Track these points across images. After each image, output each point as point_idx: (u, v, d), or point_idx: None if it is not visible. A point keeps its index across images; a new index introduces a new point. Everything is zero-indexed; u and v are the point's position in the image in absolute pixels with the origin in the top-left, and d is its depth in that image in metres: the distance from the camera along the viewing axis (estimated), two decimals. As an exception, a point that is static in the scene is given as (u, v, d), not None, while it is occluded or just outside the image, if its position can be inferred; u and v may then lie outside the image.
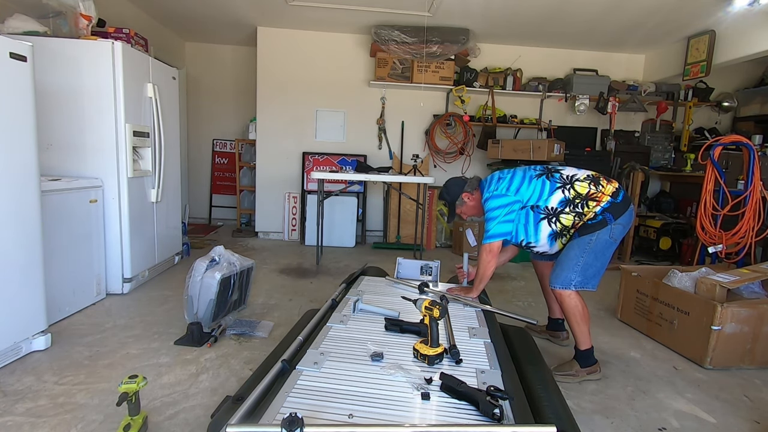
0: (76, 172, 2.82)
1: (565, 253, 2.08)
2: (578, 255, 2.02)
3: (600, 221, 2.01)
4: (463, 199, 2.27)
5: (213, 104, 5.83)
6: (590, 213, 2.03)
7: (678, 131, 5.28)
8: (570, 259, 2.04)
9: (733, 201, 2.98)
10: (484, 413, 1.15)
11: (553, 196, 2.06)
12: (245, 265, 2.60)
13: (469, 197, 2.26)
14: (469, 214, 2.33)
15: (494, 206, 2.10)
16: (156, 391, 1.84)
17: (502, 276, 3.98)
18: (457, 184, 2.30)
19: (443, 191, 2.36)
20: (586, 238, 2.02)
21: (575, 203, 2.04)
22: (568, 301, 2.05)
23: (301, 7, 4.20)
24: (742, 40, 3.87)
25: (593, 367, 2.10)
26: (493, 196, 2.10)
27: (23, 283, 2.11)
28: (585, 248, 2.02)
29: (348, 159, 5.12)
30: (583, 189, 2.04)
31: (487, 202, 2.12)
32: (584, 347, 2.09)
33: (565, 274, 2.04)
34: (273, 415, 1.12)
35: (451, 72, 4.81)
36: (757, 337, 2.28)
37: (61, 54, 2.74)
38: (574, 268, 2.02)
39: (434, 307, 1.49)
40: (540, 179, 2.10)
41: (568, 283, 2.03)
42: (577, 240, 2.04)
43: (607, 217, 2.00)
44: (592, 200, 2.03)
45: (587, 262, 2.02)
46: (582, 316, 2.06)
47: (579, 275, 2.02)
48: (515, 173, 2.17)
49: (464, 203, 2.28)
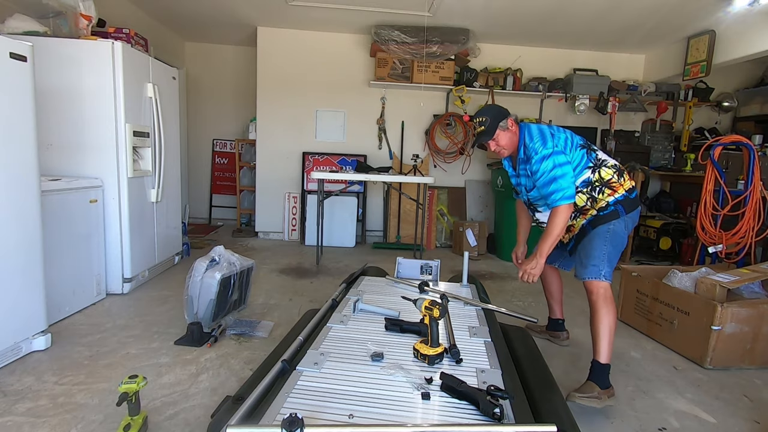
0: (76, 172, 2.81)
1: (586, 245, 2.01)
2: (601, 244, 1.96)
3: (612, 212, 1.97)
4: (508, 123, 2.04)
5: (213, 104, 5.83)
6: (602, 201, 1.98)
7: (678, 131, 5.28)
8: (594, 248, 1.97)
9: (733, 201, 2.98)
10: (485, 413, 1.15)
11: (582, 175, 1.99)
12: (245, 265, 2.60)
13: (513, 125, 2.05)
14: (503, 146, 2.06)
15: (559, 163, 1.91)
16: (156, 391, 1.84)
17: (502, 276, 3.98)
18: (500, 108, 2.09)
19: (482, 111, 2.07)
20: (604, 228, 1.97)
21: (594, 186, 1.99)
22: (605, 294, 1.92)
23: (301, 7, 4.19)
24: (742, 40, 3.87)
25: (611, 389, 1.86)
26: (555, 153, 1.92)
27: (23, 283, 2.11)
28: (605, 237, 1.97)
29: (348, 159, 5.12)
30: (607, 175, 1.99)
31: (549, 159, 1.91)
32: (605, 360, 1.87)
33: (593, 263, 1.95)
34: (273, 416, 1.12)
35: (451, 72, 4.81)
36: (757, 337, 2.28)
37: (61, 54, 2.74)
38: (601, 257, 1.95)
39: (434, 307, 1.49)
40: (580, 152, 2.00)
41: (598, 273, 1.94)
42: (595, 231, 1.99)
43: (618, 209, 1.97)
44: (609, 188, 1.98)
45: (610, 252, 1.96)
46: (615, 319, 1.90)
47: (606, 265, 1.95)
48: (563, 133, 2.03)
49: (507, 129, 2.04)
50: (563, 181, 1.90)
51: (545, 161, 1.92)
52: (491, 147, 2.08)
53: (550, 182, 1.91)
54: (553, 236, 1.95)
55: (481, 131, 2.04)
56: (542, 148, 1.93)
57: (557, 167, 1.91)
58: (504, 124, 2.03)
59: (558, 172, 1.90)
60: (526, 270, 2.04)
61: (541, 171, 1.93)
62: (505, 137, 2.05)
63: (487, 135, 2.03)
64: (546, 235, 1.97)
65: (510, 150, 2.09)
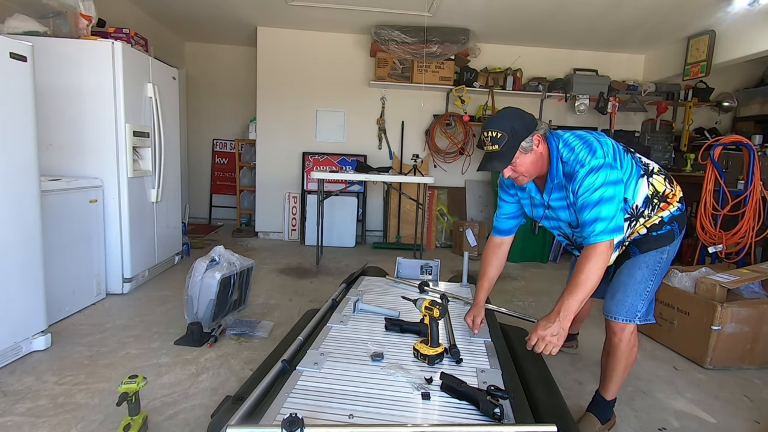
0: (76, 172, 2.81)
1: (627, 273, 1.59)
2: (647, 278, 1.57)
3: (667, 233, 1.56)
4: (533, 142, 1.46)
5: (213, 104, 5.83)
6: (656, 218, 1.56)
7: (678, 131, 5.27)
8: (637, 282, 1.57)
9: (733, 201, 2.98)
10: (485, 413, 1.15)
11: (640, 188, 1.52)
12: (245, 265, 2.60)
13: (540, 143, 1.49)
14: (522, 172, 1.50)
15: (612, 179, 1.38)
16: (156, 391, 1.84)
17: (502, 276, 3.96)
18: (525, 115, 1.49)
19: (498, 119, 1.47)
20: (655, 256, 1.56)
21: (653, 204, 1.54)
22: (630, 339, 1.60)
23: (301, 7, 4.19)
24: (741, 40, 3.87)
25: (612, 419, 1.72)
26: (608, 165, 1.39)
27: (23, 283, 2.11)
28: (655, 270, 1.57)
29: (348, 159, 5.12)
30: (660, 185, 1.55)
31: (600, 172, 1.38)
32: (611, 397, 1.68)
33: (630, 301, 1.57)
34: (273, 416, 1.12)
35: (451, 72, 4.81)
36: (757, 337, 2.28)
37: (61, 54, 2.74)
38: (642, 294, 1.57)
39: (434, 307, 1.49)
40: (628, 157, 1.52)
41: (634, 314, 1.57)
42: (643, 257, 1.57)
43: (674, 228, 1.56)
44: (664, 201, 1.57)
45: (655, 288, 1.60)
46: (634, 361, 1.66)
47: (646, 304, 1.58)
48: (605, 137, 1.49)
49: (531, 149, 1.46)
50: (610, 207, 1.38)
51: (593, 175, 1.39)
52: (506, 174, 1.52)
53: (593, 205, 1.39)
54: (584, 289, 1.38)
55: (492, 152, 1.46)
56: (591, 157, 1.41)
57: (608, 185, 1.38)
58: (528, 145, 1.46)
59: (607, 193, 1.38)
60: (544, 337, 1.37)
61: (585, 188, 1.40)
62: (527, 161, 1.48)
63: (501, 160, 1.45)
64: (574, 287, 1.38)
65: (533, 175, 1.54)
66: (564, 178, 1.48)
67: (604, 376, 1.68)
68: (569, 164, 1.45)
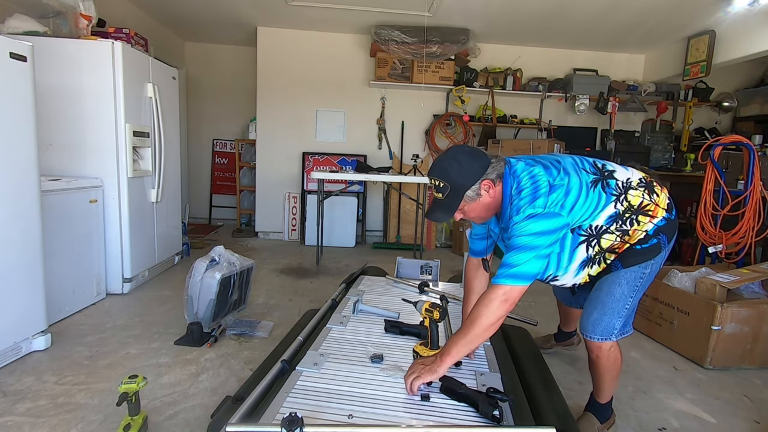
0: (76, 172, 2.81)
1: (606, 291, 1.53)
2: (626, 295, 1.51)
3: (653, 246, 1.48)
4: (481, 189, 1.39)
5: (213, 104, 5.82)
6: (639, 233, 1.48)
7: (678, 131, 5.28)
8: (616, 299, 1.51)
9: (733, 201, 2.98)
10: (484, 415, 1.15)
11: (604, 212, 1.44)
12: (245, 265, 2.60)
13: (491, 188, 1.40)
14: (476, 214, 1.46)
15: (540, 230, 1.32)
16: (156, 391, 1.84)
17: (502, 276, 3.97)
18: (473, 160, 1.39)
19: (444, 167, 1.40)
20: (637, 271, 1.49)
21: (624, 219, 1.46)
22: (608, 355, 1.56)
23: (301, 7, 4.19)
24: (741, 40, 3.87)
25: (612, 418, 1.71)
26: (543, 215, 1.33)
27: (23, 283, 2.11)
28: (636, 286, 1.51)
29: (348, 159, 5.12)
30: (636, 199, 1.47)
31: (530, 221, 1.33)
32: (606, 400, 1.66)
33: (607, 319, 1.52)
34: (273, 415, 1.12)
35: (451, 72, 4.81)
36: (757, 337, 2.28)
37: (61, 54, 2.74)
38: (620, 312, 1.52)
39: (434, 310, 1.49)
40: (597, 190, 1.43)
41: (610, 332, 1.53)
42: (624, 273, 1.50)
43: (661, 240, 1.49)
44: (644, 214, 1.47)
45: (634, 305, 1.55)
46: (619, 370, 1.61)
47: (623, 319, 1.54)
48: (569, 177, 1.40)
49: (478, 197, 1.40)
50: (525, 255, 1.32)
51: (523, 223, 1.34)
52: (457, 218, 1.46)
53: (511, 248, 1.36)
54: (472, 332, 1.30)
55: (437, 200, 1.41)
56: (528, 205, 1.35)
57: (537, 236, 1.32)
58: (474, 193, 1.39)
59: (529, 242, 1.32)
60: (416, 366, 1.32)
61: (512, 231, 1.36)
62: (476, 207, 1.43)
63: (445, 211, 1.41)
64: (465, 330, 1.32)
65: (486, 218, 1.51)
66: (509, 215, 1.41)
67: (594, 383, 1.68)
68: (513, 207, 1.39)
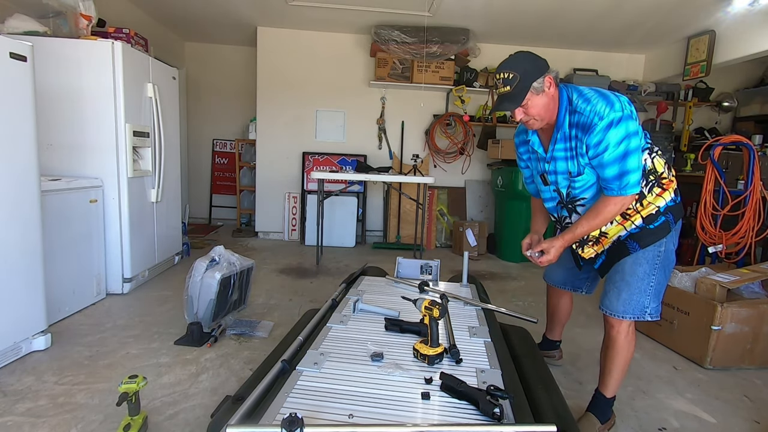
0: (76, 172, 2.82)
1: (630, 272, 1.58)
2: (649, 272, 1.56)
3: (662, 224, 1.55)
4: (545, 83, 1.48)
5: (213, 104, 5.83)
6: (651, 206, 1.54)
7: (678, 131, 5.28)
8: (640, 278, 1.56)
9: (733, 201, 2.98)
10: (484, 413, 1.15)
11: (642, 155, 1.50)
12: (245, 265, 2.60)
13: (551, 86, 1.50)
14: (533, 115, 1.51)
15: (628, 132, 1.39)
16: (156, 391, 1.84)
17: (502, 276, 3.98)
18: (538, 58, 1.52)
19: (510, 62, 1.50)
20: (653, 250, 1.56)
21: (647, 180, 1.53)
22: (627, 333, 1.60)
23: (301, 7, 4.19)
24: (741, 40, 3.87)
25: (612, 419, 1.72)
26: (626, 117, 1.39)
27: (23, 283, 2.11)
28: (656, 264, 1.56)
29: (348, 159, 5.12)
30: (660, 166, 1.55)
31: (621, 124, 1.38)
32: (611, 395, 1.68)
33: (636, 298, 1.56)
34: (273, 416, 1.12)
35: (451, 72, 4.81)
36: (757, 337, 2.28)
37: (61, 54, 2.74)
38: (647, 290, 1.56)
39: (434, 307, 1.49)
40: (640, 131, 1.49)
41: (642, 310, 1.57)
42: (643, 253, 1.57)
43: (669, 219, 1.55)
44: (660, 186, 1.55)
45: (660, 281, 1.58)
46: (631, 357, 1.65)
47: (654, 299, 1.58)
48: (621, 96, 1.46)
49: (543, 91, 1.48)
50: (634, 160, 1.41)
51: (614, 128, 1.38)
52: (517, 116, 1.54)
53: (619, 159, 1.40)
54: (592, 223, 1.50)
55: (504, 93, 1.48)
56: (609, 110, 1.39)
57: (631, 137, 1.39)
58: (539, 85, 1.47)
59: (632, 145, 1.40)
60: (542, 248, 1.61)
61: (606, 141, 1.40)
62: (539, 103, 1.49)
63: (513, 101, 1.47)
64: (583, 220, 1.52)
65: (544, 121, 1.54)
66: (575, 128, 1.48)
67: (604, 372, 1.69)
68: (584, 115, 1.44)
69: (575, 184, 1.57)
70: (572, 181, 1.58)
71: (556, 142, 1.56)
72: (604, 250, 1.67)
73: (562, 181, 1.62)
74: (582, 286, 1.98)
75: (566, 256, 1.85)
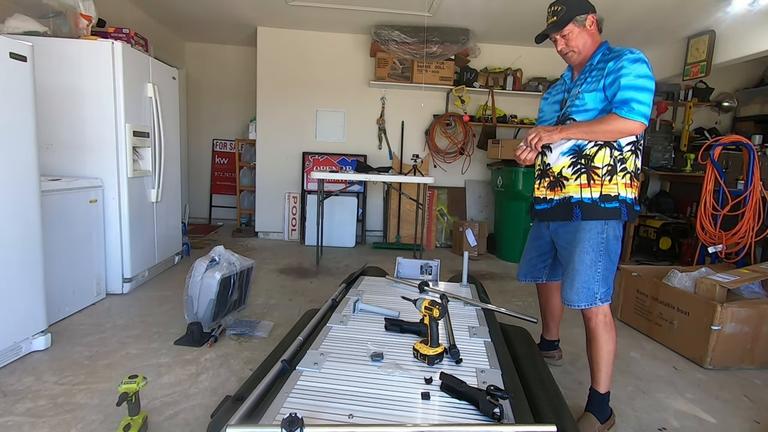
0: (76, 172, 2.81)
1: (578, 260, 1.66)
2: (595, 260, 1.64)
3: (612, 209, 1.62)
4: (588, 20, 1.67)
5: (213, 104, 5.83)
6: (614, 189, 1.62)
7: (678, 131, 5.28)
8: (588, 266, 1.64)
9: (733, 201, 2.98)
10: (484, 413, 1.15)
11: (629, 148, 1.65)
12: (245, 265, 2.60)
13: (593, 25, 1.70)
14: (573, 46, 1.69)
15: (650, 75, 1.54)
16: (156, 391, 1.84)
17: (502, 276, 3.98)
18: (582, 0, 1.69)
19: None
20: (595, 231, 1.63)
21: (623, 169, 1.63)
22: (604, 321, 1.66)
23: (301, 7, 4.19)
24: (741, 40, 3.86)
25: (611, 419, 1.73)
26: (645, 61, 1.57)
27: (23, 283, 2.11)
28: (600, 250, 1.64)
29: (348, 159, 5.12)
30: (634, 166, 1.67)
31: (646, 64, 1.55)
32: (604, 390, 1.69)
33: (584, 286, 1.65)
34: (273, 416, 1.12)
35: (451, 72, 4.81)
36: (757, 337, 2.28)
37: (61, 54, 2.74)
38: (595, 276, 1.64)
39: (434, 307, 1.49)
40: None
41: (593, 296, 1.65)
42: (584, 236, 1.64)
43: (621, 210, 1.63)
44: (629, 179, 1.64)
45: (607, 267, 1.65)
46: (615, 348, 1.68)
47: (602, 284, 1.65)
48: None
49: (584, 27, 1.67)
50: (648, 97, 1.52)
51: (639, 64, 1.54)
52: (559, 45, 1.70)
53: (637, 88, 1.52)
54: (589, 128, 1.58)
55: (550, 23, 1.68)
56: (640, 54, 1.57)
57: (651, 82, 1.54)
58: (582, 19, 1.65)
59: (649, 86, 1.53)
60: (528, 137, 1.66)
61: (629, 69, 1.54)
62: (580, 36, 1.67)
63: (556, 26, 1.66)
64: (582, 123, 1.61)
65: (581, 55, 1.70)
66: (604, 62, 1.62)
67: (592, 367, 1.72)
68: (616, 53, 1.61)
69: (576, 102, 1.67)
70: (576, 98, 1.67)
71: (583, 72, 1.71)
72: (553, 200, 1.75)
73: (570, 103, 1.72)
74: (541, 275, 2.06)
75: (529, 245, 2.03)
